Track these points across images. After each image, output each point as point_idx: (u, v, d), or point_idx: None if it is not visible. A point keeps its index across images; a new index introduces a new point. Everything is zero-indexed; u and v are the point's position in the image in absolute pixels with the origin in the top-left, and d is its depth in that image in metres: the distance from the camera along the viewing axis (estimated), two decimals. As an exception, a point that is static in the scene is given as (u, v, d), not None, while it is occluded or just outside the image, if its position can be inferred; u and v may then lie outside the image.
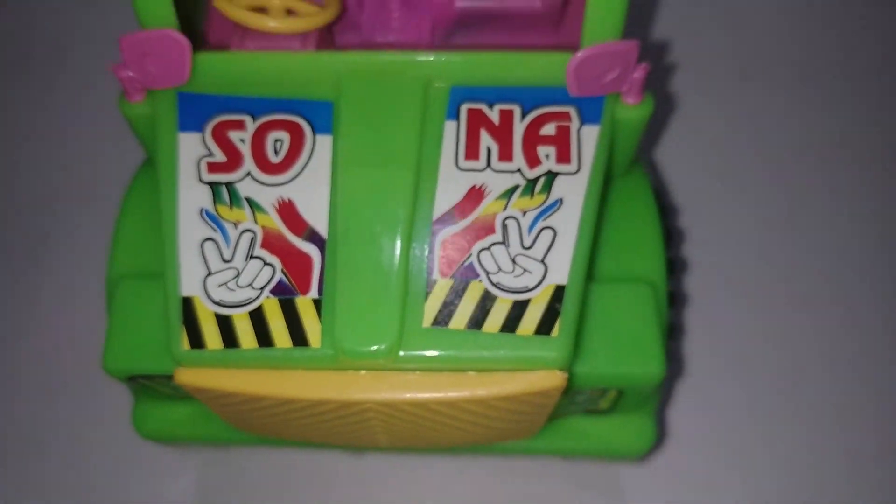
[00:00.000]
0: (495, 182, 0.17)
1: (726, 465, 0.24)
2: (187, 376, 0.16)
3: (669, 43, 0.31)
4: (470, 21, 0.21)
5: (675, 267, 0.22)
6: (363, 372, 0.16)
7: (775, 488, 0.24)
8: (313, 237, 0.17)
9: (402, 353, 0.16)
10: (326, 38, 0.19)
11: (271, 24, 0.18)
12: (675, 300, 0.22)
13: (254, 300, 0.16)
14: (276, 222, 0.17)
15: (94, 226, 0.27)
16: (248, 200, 0.17)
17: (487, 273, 0.16)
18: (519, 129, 0.18)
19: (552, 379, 0.16)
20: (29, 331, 0.26)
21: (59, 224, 0.28)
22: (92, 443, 0.24)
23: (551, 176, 0.17)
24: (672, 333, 0.22)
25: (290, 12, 0.18)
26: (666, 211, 0.23)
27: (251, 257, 0.17)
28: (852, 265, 0.27)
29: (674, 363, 0.24)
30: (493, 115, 0.18)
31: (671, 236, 0.23)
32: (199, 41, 0.22)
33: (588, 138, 0.18)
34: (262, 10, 0.18)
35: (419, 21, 0.21)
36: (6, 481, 0.24)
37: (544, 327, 0.16)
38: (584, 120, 0.18)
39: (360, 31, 0.21)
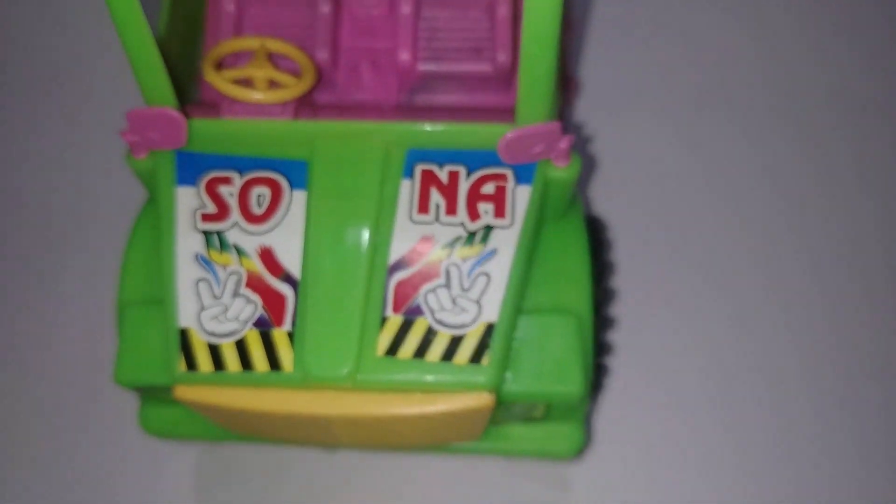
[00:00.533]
0: (442, 233, 0.21)
1: (649, 460, 0.28)
2: (184, 393, 0.20)
3: (609, 80, 0.34)
4: (431, 81, 0.25)
5: (607, 295, 0.26)
6: (327, 392, 0.20)
7: (692, 483, 0.28)
8: (288, 279, 0.20)
9: (359, 376, 0.19)
10: (304, 99, 0.23)
11: (256, 96, 0.21)
12: (605, 324, 0.26)
13: (239, 332, 0.20)
14: (258, 266, 0.20)
15: (103, 242, 0.31)
16: (235, 247, 0.21)
17: (432, 311, 0.20)
18: (464, 187, 0.21)
19: (482, 399, 0.19)
20: (42, 340, 0.30)
21: (69, 241, 0.32)
22: (100, 439, 0.28)
23: (488, 229, 0.21)
24: (602, 352, 0.25)
25: (272, 83, 0.22)
26: (603, 245, 0.27)
27: (237, 295, 0.20)
28: (782, 285, 0.31)
29: (606, 376, 0.27)
30: (443, 175, 0.21)
31: (606, 268, 0.26)
32: (194, 92, 0.26)
33: (521, 197, 0.21)
34: (247, 81, 0.22)
35: (387, 80, 0.25)
36: (23, 475, 0.28)
37: (476, 357, 0.20)
38: (518, 180, 0.21)
39: (336, 89, 0.25)
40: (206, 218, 0.21)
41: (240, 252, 0.20)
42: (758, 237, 0.32)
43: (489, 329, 0.20)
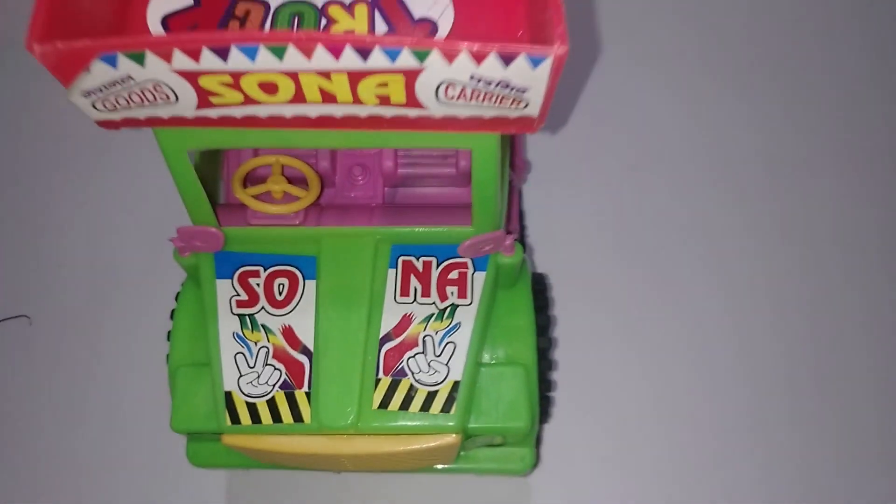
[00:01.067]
0: (419, 311, 0.27)
1: (589, 471, 0.35)
2: (230, 440, 0.26)
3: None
4: (410, 180, 0.31)
5: (549, 343, 0.32)
6: (337, 436, 0.26)
7: (625, 486, 0.35)
8: (305, 351, 0.27)
9: (360, 425, 0.26)
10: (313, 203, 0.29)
11: (273, 209, 0.27)
12: (548, 366, 0.32)
13: (269, 393, 0.26)
14: (281, 341, 0.27)
15: (149, 289, 0.37)
16: (263, 326, 0.27)
17: (412, 373, 0.26)
18: (435, 274, 0.28)
19: (451, 439, 0.26)
20: (98, 384, 0.36)
21: (120, 288, 0.38)
22: (151, 470, 0.35)
23: (454, 307, 0.27)
24: (547, 389, 0.32)
25: (286, 195, 0.28)
26: (546, 302, 0.33)
27: (266, 365, 0.27)
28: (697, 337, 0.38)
29: (551, 407, 0.34)
30: (419, 264, 0.28)
31: (548, 321, 0.33)
32: (219, 195, 0.32)
33: (478, 281, 0.28)
34: (267, 193, 0.28)
35: (374, 181, 0.31)
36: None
37: (447, 408, 0.26)
38: (476, 268, 0.28)
39: (335, 187, 0.31)
40: (240, 304, 0.27)
41: (267, 331, 0.27)
42: (676, 283, 0.39)
43: (456, 385, 0.26)
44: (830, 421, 0.36)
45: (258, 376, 0.26)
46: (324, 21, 0.23)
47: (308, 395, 0.26)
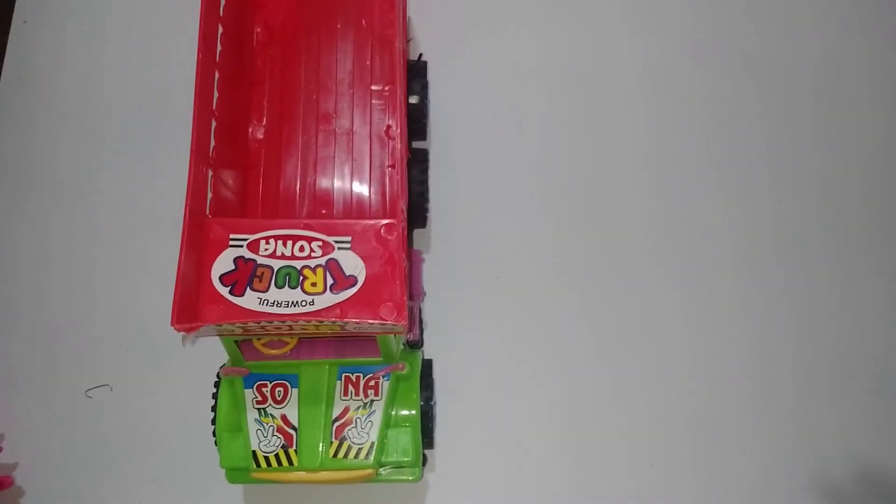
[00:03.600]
0: (353, 404, 0.51)
1: (464, 485, 0.59)
2: (256, 475, 0.50)
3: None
4: (348, 340, 0.55)
5: (430, 408, 0.56)
6: (312, 472, 0.50)
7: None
8: (293, 428, 0.50)
9: (323, 465, 0.50)
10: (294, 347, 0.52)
11: (274, 352, 0.51)
12: (430, 421, 0.56)
13: (275, 451, 0.50)
14: (281, 423, 0.50)
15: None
16: (271, 415, 0.51)
17: (350, 438, 0.50)
18: (361, 383, 0.52)
19: (370, 471, 0.50)
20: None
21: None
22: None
23: (372, 401, 0.51)
24: (428, 436, 0.56)
25: (280, 344, 0.51)
26: (431, 382, 0.57)
27: (273, 436, 0.50)
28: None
29: (431, 447, 0.58)
30: (353, 378, 0.52)
31: (431, 393, 0.57)
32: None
33: (385, 386, 0.52)
34: (272, 343, 0.51)
35: (327, 343, 0.54)
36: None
37: (368, 456, 0.50)
38: (385, 378, 0.52)
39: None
40: (257, 402, 0.51)
41: (272, 417, 0.51)
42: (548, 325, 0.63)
43: (372, 444, 0.51)
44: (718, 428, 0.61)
45: (269, 442, 0.50)
46: (300, 277, 0.46)
47: (296, 451, 0.50)
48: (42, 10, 0.70)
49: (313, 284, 0.46)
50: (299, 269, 0.46)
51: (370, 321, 0.44)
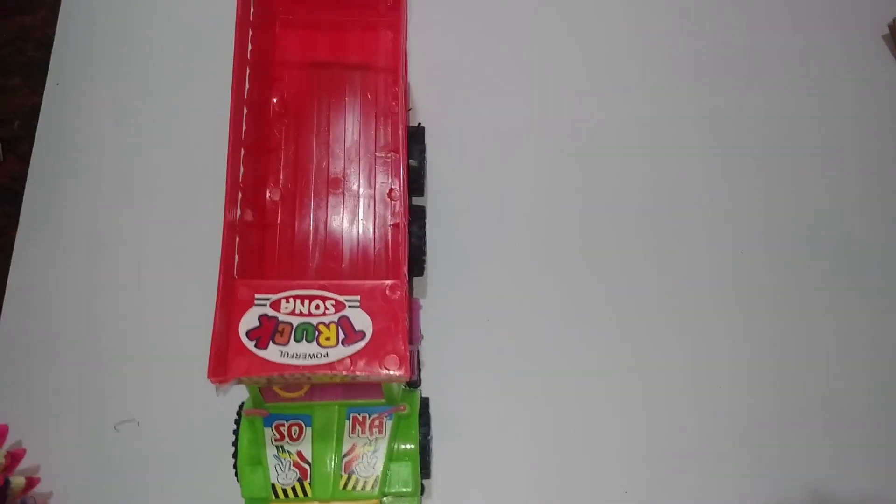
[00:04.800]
0: (360, 441, 0.58)
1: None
2: (274, 504, 0.57)
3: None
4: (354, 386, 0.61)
5: (427, 442, 0.63)
6: (324, 503, 0.57)
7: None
8: (307, 462, 0.57)
9: (333, 496, 0.56)
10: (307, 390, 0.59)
11: (290, 395, 0.57)
12: (427, 453, 0.63)
13: (292, 483, 0.56)
14: (297, 458, 0.57)
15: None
16: (287, 451, 0.57)
17: (357, 472, 0.57)
18: (368, 421, 0.58)
19: (375, 501, 0.57)
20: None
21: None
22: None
23: (377, 439, 0.58)
24: (426, 468, 0.63)
25: (296, 388, 0.58)
26: (428, 418, 0.64)
27: (290, 469, 0.57)
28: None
29: (428, 477, 0.65)
30: (360, 418, 0.58)
31: (428, 429, 0.63)
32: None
33: (388, 424, 0.58)
34: (288, 387, 0.58)
35: (336, 386, 0.61)
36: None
37: (373, 488, 0.57)
38: (388, 418, 0.58)
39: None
40: (275, 440, 0.57)
41: (289, 453, 0.57)
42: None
43: (377, 478, 0.57)
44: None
45: (286, 475, 0.57)
46: (316, 332, 0.53)
47: (310, 483, 0.57)
48: (74, 73, 0.77)
49: (327, 339, 0.52)
50: (315, 325, 0.53)
51: (377, 372, 0.51)
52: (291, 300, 0.53)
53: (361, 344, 0.52)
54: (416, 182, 0.70)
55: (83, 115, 0.75)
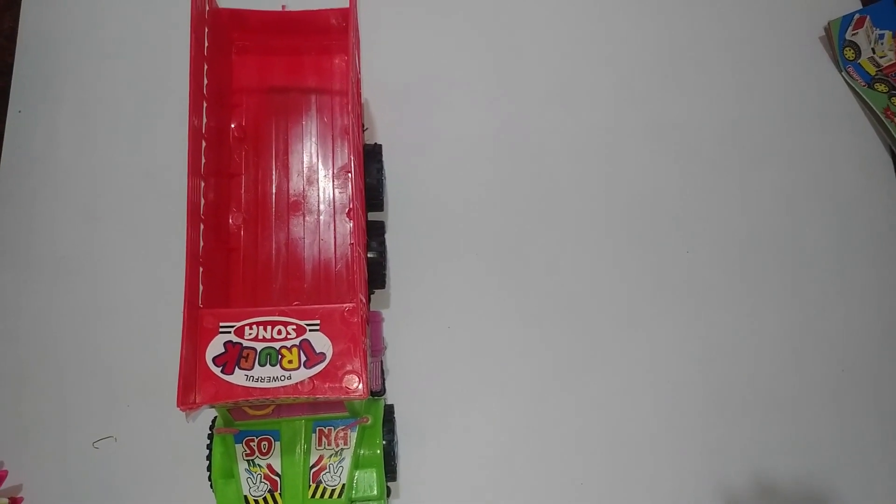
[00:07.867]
0: (326, 452, 0.61)
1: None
2: (246, 516, 0.60)
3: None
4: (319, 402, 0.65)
5: (392, 447, 0.67)
6: (294, 511, 0.60)
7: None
8: (277, 475, 0.60)
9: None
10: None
11: (258, 412, 0.60)
12: (392, 458, 0.67)
13: (263, 495, 0.60)
14: (267, 471, 0.60)
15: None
16: (258, 465, 0.60)
17: (325, 481, 0.60)
18: (333, 434, 0.62)
19: (343, 508, 0.61)
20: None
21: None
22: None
23: (342, 449, 0.61)
24: (391, 473, 0.66)
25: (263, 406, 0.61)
26: (393, 425, 0.67)
27: (261, 482, 0.60)
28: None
29: (394, 480, 0.69)
30: (326, 430, 0.62)
31: (393, 437, 0.67)
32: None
33: (352, 436, 0.62)
34: (258, 406, 0.61)
35: (301, 404, 0.64)
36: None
37: (340, 494, 0.60)
38: (352, 430, 0.62)
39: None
40: (246, 455, 0.61)
41: (259, 467, 0.60)
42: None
43: (343, 485, 0.61)
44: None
45: (257, 487, 0.60)
46: (279, 356, 0.56)
47: (280, 494, 0.60)
48: (35, 100, 0.78)
49: (290, 362, 0.55)
50: (278, 349, 0.56)
51: (338, 392, 0.54)
52: (255, 326, 0.56)
53: (322, 365, 0.55)
54: (374, 199, 0.73)
55: (46, 141, 0.77)
